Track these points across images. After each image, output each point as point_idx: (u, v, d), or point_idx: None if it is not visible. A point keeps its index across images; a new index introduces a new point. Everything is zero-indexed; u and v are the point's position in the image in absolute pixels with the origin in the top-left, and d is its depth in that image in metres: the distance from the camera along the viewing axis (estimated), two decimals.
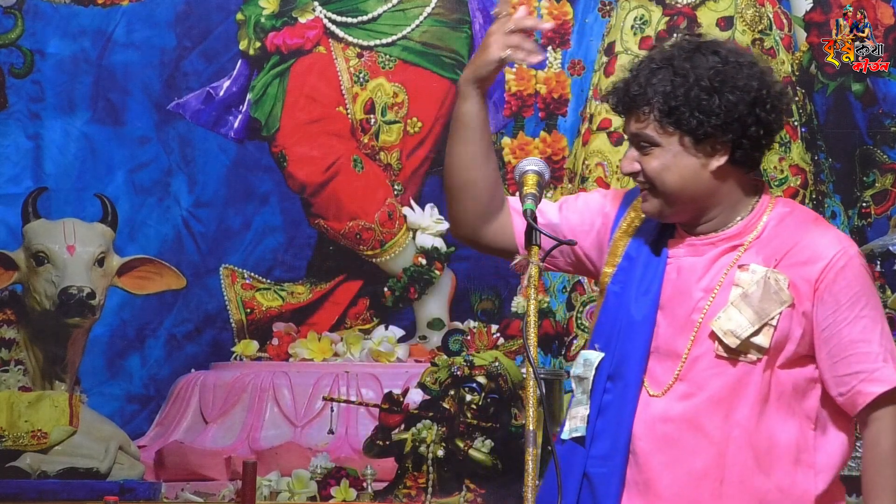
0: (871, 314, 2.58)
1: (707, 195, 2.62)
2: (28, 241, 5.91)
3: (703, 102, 2.55)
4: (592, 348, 2.70)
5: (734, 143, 2.59)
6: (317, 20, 6.19)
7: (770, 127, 2.60)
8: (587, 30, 6.15)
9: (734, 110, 2.55)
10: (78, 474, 5.84)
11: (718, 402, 2.59)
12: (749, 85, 2.58)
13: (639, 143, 2.62)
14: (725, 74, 2.56)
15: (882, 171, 6.01)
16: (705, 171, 2.60)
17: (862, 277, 2.59)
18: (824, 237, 2.61)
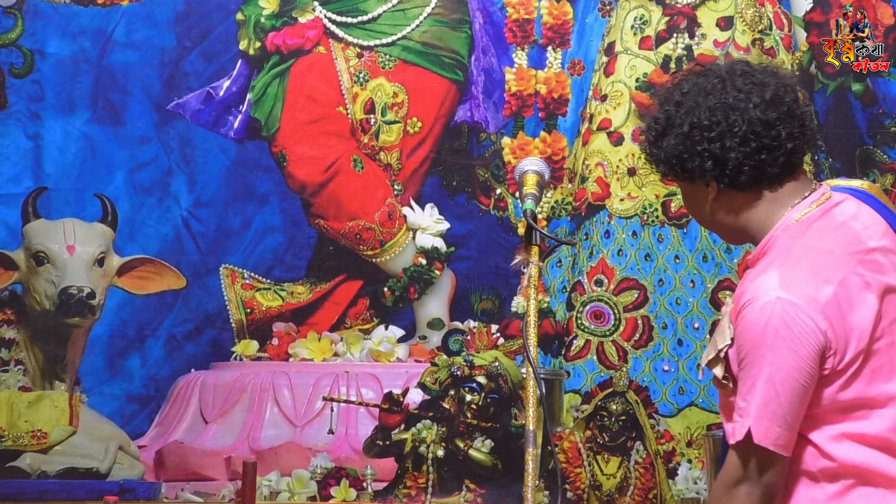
0: (746, 370, 2.51)
1: (729, 222, 2.65)
2: (28, 241, 5.91)
3: (653, 150, 2.62)
4: None
5: (711, 175, 2.62)
6: (317, 20, 6.19)
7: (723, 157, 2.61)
8: (587, 30, 6.15)
9: (674, 152, 2.59)
10: (78, 474, 5.83)
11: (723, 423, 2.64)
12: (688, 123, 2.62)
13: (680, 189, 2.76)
14: (669, 119, 2.61)
15: (882, 171, 6.01)
16: (707, 203, 2.64)
17: (751, 330, 2.51)
18: (757, 279, 2.55)
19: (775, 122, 2.61)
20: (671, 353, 5.94)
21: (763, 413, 2.47)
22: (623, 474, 5.57)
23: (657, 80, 6.04)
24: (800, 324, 2.49)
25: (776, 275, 2.53)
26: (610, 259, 5.97)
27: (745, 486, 2.47)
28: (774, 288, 2.51)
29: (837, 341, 2.49)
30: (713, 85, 2.65)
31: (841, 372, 2.48)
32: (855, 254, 2.56)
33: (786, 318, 2.49)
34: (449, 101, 6.23)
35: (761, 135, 2.61)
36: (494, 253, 6.11)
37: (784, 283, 2.50)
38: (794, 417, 2.49)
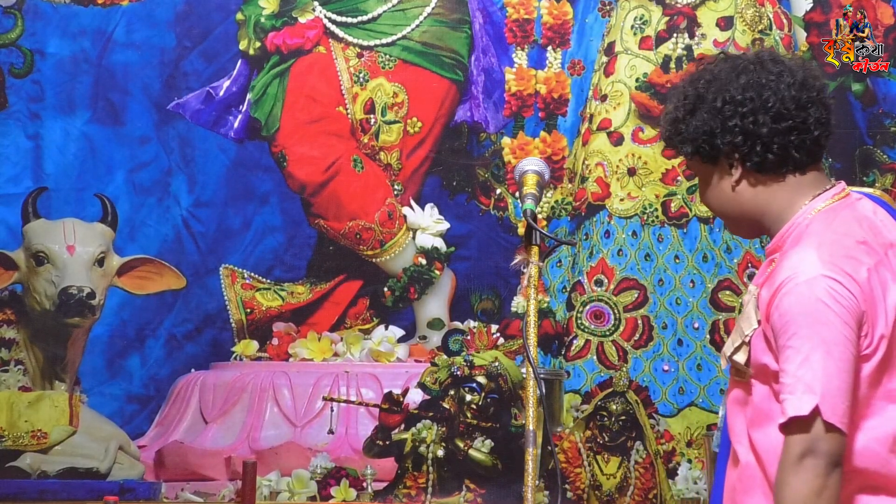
0: (796, 344, 2.50)
1: (747, 208, 2.65)
2: (28, 241, 5.91)
3: (681, 129, 2.61)
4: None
5: (739, 153, 2.62)
6: (317, 20, 6.19)
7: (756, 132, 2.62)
8: (587, 30, 6.15)
9: (705, 128, 2.59)
10: (78, 474, 5.84)
11: (734, 416, 2.63)
12: (721, 99, 2.62)
13: (695, 174, 2.73)
14: (699, 97, 2.62)
15: (882, 171, 6.01)
16: (728, 187, 2.64)
17: (799, 305, 2.51)
18: (791, 259, 2.56)
19: (806, 103, 2.65)
20: (671, 353, 5.94)
21: (829, 389, 2.46)
22: (623, 474, 5.57)
23: (657, 80, 6.04)
24: (847, 298, 2.50)
25: (814, 254, 2.54)
26: (610, 259, 5.98)
27: (811, 458, 2.45)
28: (815, 266, 2.52)
29: (870, 323, 2.51)
30: (745, 65, 2.67)
31: (868, 356, 2.49)
32: (881, 244, 2.60)
33: (832, 294, 2.50)
34: (449, 101, 6.23)
35: (793, 114, 2.64)
36: (494, 253, 6.11)
37: (823, 261, 2.51)
38: (852, 392, 2.48)
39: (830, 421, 2.44)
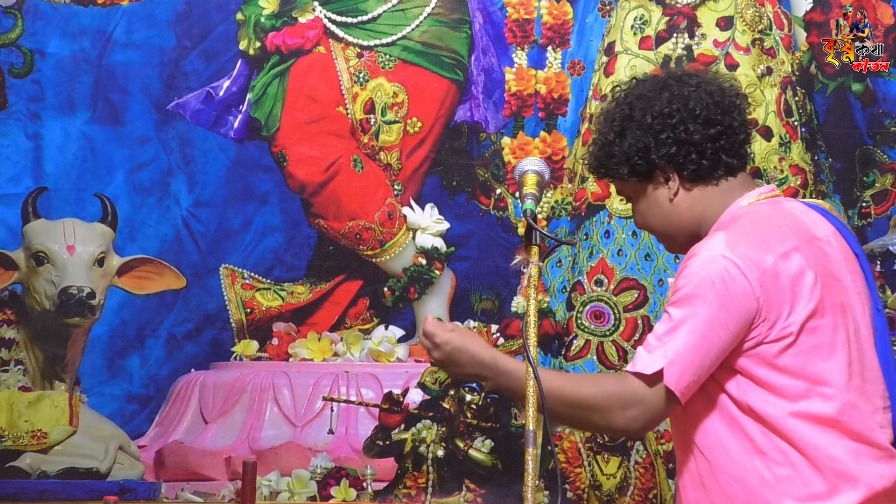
0: (672, 311, 2.62)
1: (686, 218, 2.72)
2: (28, 241, 5.91)
3: (615, 151, 2.71)
4: None
5: (673, 165, 2.68)
6: (317, 20, 6.19)
7: (689, 139, 2.69)
8: (587, 30, 6.15)
9: (640, 144, 2.69)
10: (78, 474, 5.84)
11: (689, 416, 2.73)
12: (648, 115, 2.72)
13: (626, 200, 2.83)
14: (626, 118, 2.72)
15: (882, 171, 6.01)
16: (666, 200, 2.71)
17: (689, 277, 2.60)
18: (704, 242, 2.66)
19: (729, 108, 2.76)
20: None
21: (680, 359, 2.56)
22: (623, 474, 5.57)
23: None
24: (738, 283, 2.57)
25: (722, 237, 2.63)
26: (610, 259, 5.97)
27: (636, 409, 2.58)
28: (719, 247, 2.61)
29: (769, 310, 2.57)
30: (664, 82, 2.76)
31: (773, 342, 2.56)
32: (799, 236, 2.67)
33: (724, 275, 2.58)
34: (449, 101, 6.23)
35: (719, 119, 2.72)
36: (494, 253, 6.10)
37: (728, 244, 2.59)
38: (705, 371, 2.58)
39: (669, 386, 2.56)
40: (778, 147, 6.01)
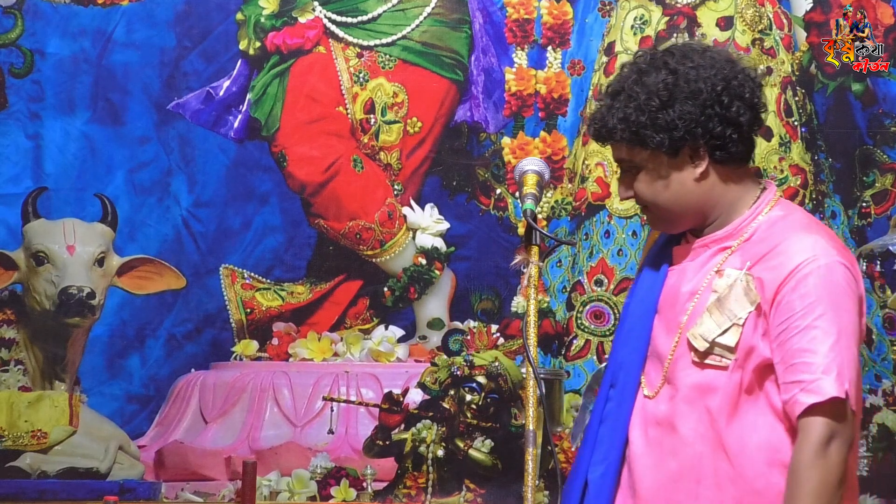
0: (825, 325, 2.51)
1: (703, 201, 2.64)
2: (28, 241, 5.91)
3: (658, 119, 2.57)
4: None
5: (709, 145, 2.61)
6: (317, 20, 6.19)
7: (737, 120, 2.61)
8: (587, 30, 6.15)
9: (690, 117, 2.57)
10: (78, 474, 5.84)
11: (691, 402, 2.60)
12: (698, 88, 2.60)
13: (626, 169, 2.67)
14: (674, 86, 2.59)
15: (882, 171, 6.01)
16: (690, 180, 2.63)
17: (826, 287, 2.52)
18: (801, 243, 2.57)
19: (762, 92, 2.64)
20: None
21: (853, 375, 2.49)
22: None
23: None
24: (857, 287, 2.56)
25: (823, 241, 2.56)
26: (610, 259, 5.97)
27: (837, 443, 2.48)
28: (830, 251, 2.54)
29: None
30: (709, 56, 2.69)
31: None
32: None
33: (850, 282, 2.54)
34: (449, 101, 6.23)
35: (758, 103, 2.66)
36: (494, 253, 6.10)
37: (835, 248, 2.55)
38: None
39: (854, 409, 2.48)
40: (778, 147, 6.01)
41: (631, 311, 2.70)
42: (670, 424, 2.60)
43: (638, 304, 2.70)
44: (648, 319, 2.66)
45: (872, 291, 5.92)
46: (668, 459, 2.59)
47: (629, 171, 2.66)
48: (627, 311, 2.72)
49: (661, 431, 2.61)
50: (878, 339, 5.90)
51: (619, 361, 2.68)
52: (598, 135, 2.68)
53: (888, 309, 5.89)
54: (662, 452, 2.60)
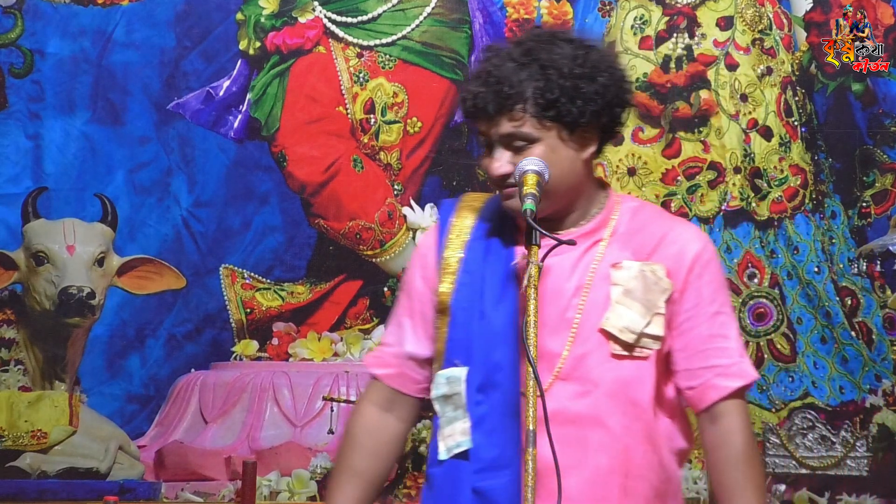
0: (729, 311, 2.60)
1: (579, 186, 2.66)
2: (28, 240, 5.91)
3: (581, 90, 2.55)
4: (452, 366, 2.65)
5: (603, 128, 2.62)
6: (316, 20, 6.19)
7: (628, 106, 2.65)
8: (587, 30, 6.15)
9: (607, 93, 2.58)
10: (78, 474, 5.84)
11: (614, 396, 2.60)
12: (612, 66, 2.60)
13: (512, 144, 2.61)
14: (591, 59, 2.57)
15: (882, 171, 6.01)
16: (579, 161, 2.63)
17: (722, 274, 2.64)
18: (688, 231, 2.65)
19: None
20: None
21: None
22: None
23: (657, 80, 6.04)
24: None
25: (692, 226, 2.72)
26: None
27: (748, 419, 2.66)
28: (707, 236, 2.74)
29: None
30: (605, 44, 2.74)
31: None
32: None
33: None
34: (449, 101, 6.23)
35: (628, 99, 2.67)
36: None
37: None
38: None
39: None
40: (778, 147, 6.01)
41: (493, 312, 2.63)
42: (595, 420, 2.58)
43: (499, 305, 2.63)
44: (515, 319, 2.61)
45: (872, 291, 5.92)
46: (595, 456, 2.57)
47: (517, 146, 2.60)
48: (477, 312, 2.63)
49: (579, 429, 2.58)
50: (878, 339, 5.90)
51: (493, 364, 2.61)
52: (501, 104, 2.57)
53: (888, 309, 5.89)
54: (587, 450, 2.58)
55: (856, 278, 5.92)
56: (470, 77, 2.65)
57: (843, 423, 5.84)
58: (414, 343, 2.72)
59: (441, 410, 2.65)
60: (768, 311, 5.93)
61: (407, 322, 2.73)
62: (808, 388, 5.88)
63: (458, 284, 2.66)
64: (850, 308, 5.90)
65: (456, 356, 2.64)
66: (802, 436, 5.82)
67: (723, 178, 6.00)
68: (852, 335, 5.89)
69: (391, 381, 2.74)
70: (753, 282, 5.95)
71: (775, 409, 5.87)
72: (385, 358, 2.75)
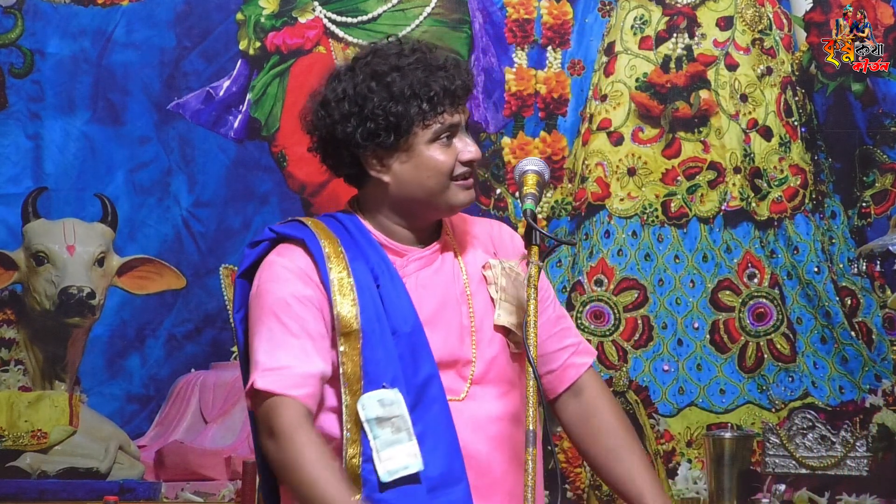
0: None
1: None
2: (28, 241, 5.91)
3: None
4: (378, 387, 2.60)
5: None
6: (317, 20, 6.20)
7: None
8: (587, 30, 6.15)
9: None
10: (78, 474, 5.84)
11: (521, 393, 2.65)
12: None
13: (459, 132, 2.73)
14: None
15: (882, 171, 6.01)
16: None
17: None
18: (501, 224, 2.85)
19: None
20: (671, 352, 5.95)
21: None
22: None
23: (657, 80, 6.04)
24: None
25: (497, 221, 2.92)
26: (610, 259, 5.98)
27: None
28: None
29: None
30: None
31: None
32: None
33: None
34: None
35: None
36: None
37: None
38: None
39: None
40: (778, 147, 6.01)
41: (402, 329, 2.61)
42: (517, 418, 2.62)
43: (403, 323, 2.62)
44: (423, 333, 2.61)
45: (872, 291, 5.92)
46: (522, 451, 2.57)
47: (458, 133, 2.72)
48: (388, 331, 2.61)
49: (509, 427, 2.63)
50: (878, 339, 5.90)
51: (425, 378, 2.59)
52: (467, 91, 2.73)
53: (888, 309, 5.89)
54: (518, 445, 2.61)
55: (856, 278, 5.93)
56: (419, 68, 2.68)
57: (843, 423, 5.84)
58: (322, 363, 2.62)
59: (374, 433, 2.57)
60: (768, 311, 5.94)
61: (307, 343, 2.62)
62: (808, 388, 5.88)
63: (361, 305, 2.61)
64: (850, 308, 5.91)
65: (380, 377, 2.60)
66: (802, 436, 5.82)
67: (723, 178, 6.00)
68: (852, 335, 5.89)
69: (308, 401, 2.59)
70: (753, 282, 5.95)
71: (775, 409, 5.87)
72: (293, 379, 2.60)
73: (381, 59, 2.67)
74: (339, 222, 2.75)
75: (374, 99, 2.63)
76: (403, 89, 2.63)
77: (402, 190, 2.66)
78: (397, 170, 2.66)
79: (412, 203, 2.66)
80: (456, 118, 2.68)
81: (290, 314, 2.64)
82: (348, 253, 2.67)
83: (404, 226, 2.69)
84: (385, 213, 2.71)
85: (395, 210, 2.69)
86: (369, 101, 2.63)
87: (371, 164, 2.69)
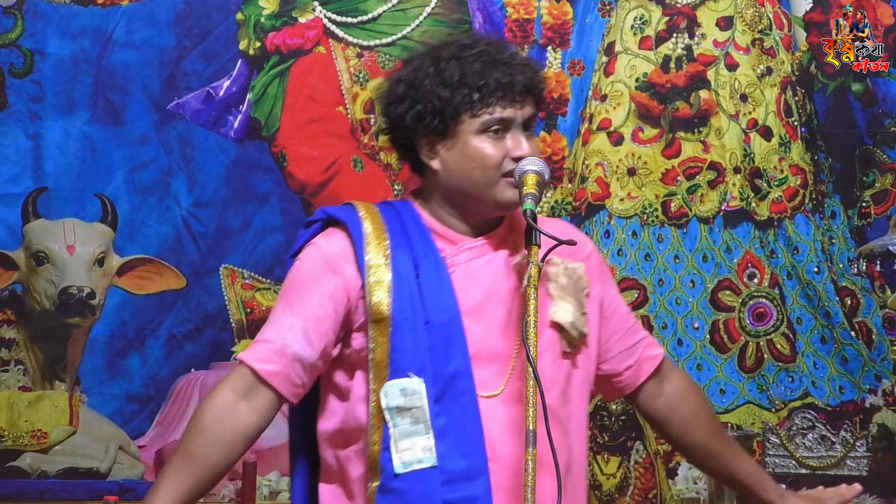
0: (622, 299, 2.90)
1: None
2: (28, 241, 5.91)
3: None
4: (404, 376, 2.60)
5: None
6: (317, 20, 6.20)
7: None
8: (587, 30, 6.15)
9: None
10: (78, 474, 5.84)
11: (564, 393, 2.63)
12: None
13: (527, 127, 2.71)
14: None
15: (882, 171, 6.01)
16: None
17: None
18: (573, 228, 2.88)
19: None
20: (671, 353, 5.95)
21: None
22: (623, 474, 5.57)
23: (657, 80, 6.04)
24: None
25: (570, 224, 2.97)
26: (610, 259, 5.98)
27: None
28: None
29: None
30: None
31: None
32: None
33: None
34: None
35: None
36: None
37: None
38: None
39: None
40: (778, 147, 6.02)
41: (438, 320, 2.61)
42: (556, 418, 2.61)
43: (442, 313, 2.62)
44: (461, 325, 2.60)
45: (872, 291, 5.92)
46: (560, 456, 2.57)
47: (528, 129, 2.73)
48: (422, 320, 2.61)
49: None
50: (878, 339, 5.90)
51: (454, 372, 2.59)
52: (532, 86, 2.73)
53: (888, 309, 5.89)
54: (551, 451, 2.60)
55: (856, 278, 5.93)
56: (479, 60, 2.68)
57: (843, 423, 5.84)
58: (301, 344, 2.63)
59: (394, 422, 2.58)
60: (768, 311, 5.94)
61: (297, 322, 2.63)
62: (808, 388, 5.88)
63: (395, 293, 2.61)
64: (850, 308, 5.91)
65: (407, 366, 2.60)
66: (802, 436, 5.83)
67: (722, 178, 6.00)
68: (852, 335, 5.90)
69: (272, 379, 2.62)
70: (753, 282, 5.95)
71: (775, 409, 5.87)
72: (266, 354, 2.63)
73: (447, 48, 2.73)
74: (393, 209, 2.75)
75: (426, 83, 2.68)
76: (455, 76, 2.66)
77: (450, 179, 2.67)
78: (445, 156, 2.67)
79: (461, 195, 2.67)
80: (509, 113, 2.67)
81: (297, 294, 2.66)
82: (393, 240, 2.66)
83: (458, 218, 2.69)
84: (438, 203, 2.71)
85: (447, 200, 2.70)
86: (422, 84, 2.68)
87: (422, 149, 2.71)
